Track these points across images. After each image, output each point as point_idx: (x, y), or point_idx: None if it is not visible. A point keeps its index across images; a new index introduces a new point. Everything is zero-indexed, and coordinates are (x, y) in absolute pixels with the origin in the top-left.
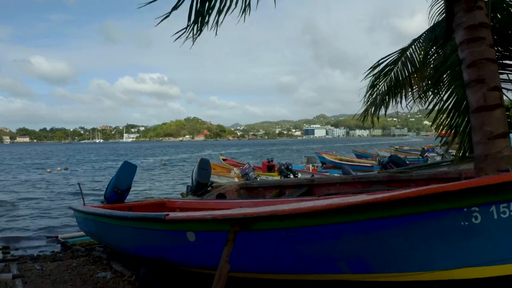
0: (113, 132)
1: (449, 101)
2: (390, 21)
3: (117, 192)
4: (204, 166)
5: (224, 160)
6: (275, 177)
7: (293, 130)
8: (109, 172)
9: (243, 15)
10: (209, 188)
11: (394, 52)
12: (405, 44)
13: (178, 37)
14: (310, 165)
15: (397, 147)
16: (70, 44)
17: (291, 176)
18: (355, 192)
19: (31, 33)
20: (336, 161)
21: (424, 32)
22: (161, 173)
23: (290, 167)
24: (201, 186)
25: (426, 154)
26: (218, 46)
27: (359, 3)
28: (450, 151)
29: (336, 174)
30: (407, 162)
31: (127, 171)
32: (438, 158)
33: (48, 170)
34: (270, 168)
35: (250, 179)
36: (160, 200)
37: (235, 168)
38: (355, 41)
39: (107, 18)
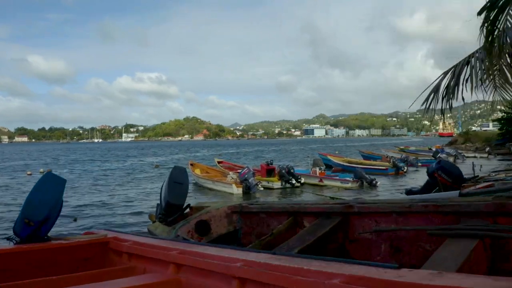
0: (112, 132)
1: None
2: (389, 20)
3: (28, 224)
4: (178, 179)
5: (219, 162)
6: (275, 182)
7: (293, 130)
8: (93, 176)
9: None
10: (187, 211)
11: None
12: (405, 43)
13: None
14: (317, 169)
15: (402, 147)
16: (68, 43)
17: (293, 181)
18: (433, 233)
19: (29, 32)
20: (344, 163)
21: None
22: (149, 177)
23: (292, 170)
24: (173, 209)
25: (439, 155)
26: (218, 46)
27: (358, 3)
28: (459, 151)
29: (348, 178)
30: (419, 164)
31: (47, 191)
32: (451, 159)
33: (29, 172)
34: (269, 172)
35: (250, 186)
36: (102, 238)
37: (231, 172)
38: (354, 40)
39: (105, 17)
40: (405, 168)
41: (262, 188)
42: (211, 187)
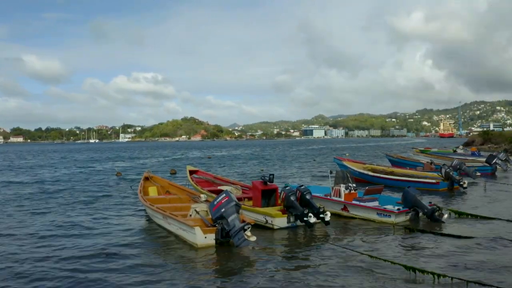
0: (109, 132)
1: None
2: (387, 20)
3: None
4: None
5: (192, 172)
6: (276, 218)
7: (291, 131)
8: (15, 194)
9: None
10: None
11: None
12: (403, 42)
13: None
14: (342, 187)
15: (421, 148)
16: (64, 43)
17: (311, 218)
18: None
19: (24, 32)
20: (368, 173)
21: None
22: (103, 195)
23: (307, 197)
24: None
25: (495, 160)
26: (216, 46)
27: (357, 2)
28: (509, 155)
29: (389, 207)
30: (478, 173)
31: None
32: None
33: None
34: (267, 195)
35: (231, 231)
36: None
37: (202, 196)
38: (352, 40)
39: (101, 16)
40: (465, 181)
41: (254, 238)
42: (164, 226)
